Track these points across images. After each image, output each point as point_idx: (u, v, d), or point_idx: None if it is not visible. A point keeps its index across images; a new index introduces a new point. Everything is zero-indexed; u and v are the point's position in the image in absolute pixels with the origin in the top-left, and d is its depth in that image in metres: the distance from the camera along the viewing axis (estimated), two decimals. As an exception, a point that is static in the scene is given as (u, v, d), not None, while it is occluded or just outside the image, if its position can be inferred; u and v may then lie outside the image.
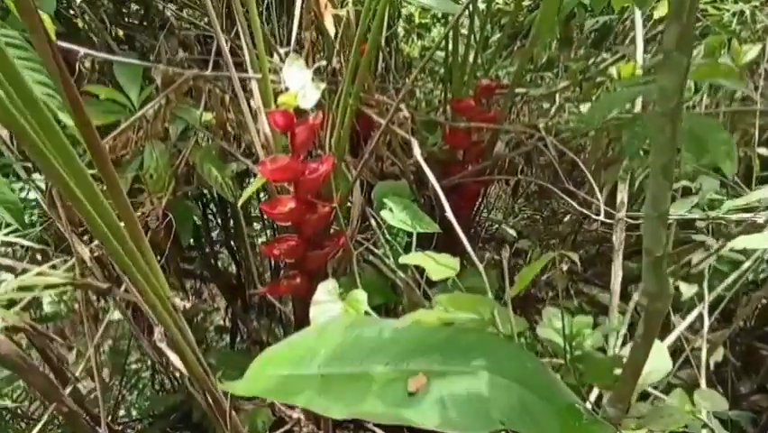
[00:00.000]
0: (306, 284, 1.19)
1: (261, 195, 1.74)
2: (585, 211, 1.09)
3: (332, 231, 1.26)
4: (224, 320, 2.52)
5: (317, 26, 1.11)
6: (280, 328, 2.05)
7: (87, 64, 1.29)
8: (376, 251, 1.33)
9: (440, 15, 2.34)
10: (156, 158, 1.24)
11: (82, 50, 0.97)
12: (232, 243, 2.11)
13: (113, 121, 1.15)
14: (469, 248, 0.91)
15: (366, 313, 0.95)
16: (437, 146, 1.52)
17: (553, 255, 0.67)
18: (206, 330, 2.60)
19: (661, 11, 1.74)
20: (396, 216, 1.10)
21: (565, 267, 2.26)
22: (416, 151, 1.03)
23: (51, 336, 1.16)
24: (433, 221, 1.14)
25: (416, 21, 2.32)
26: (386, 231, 1.34)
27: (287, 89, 0.96)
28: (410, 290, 1.28)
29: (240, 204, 1.05)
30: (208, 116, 1.29)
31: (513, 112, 1.66)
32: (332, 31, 1.07)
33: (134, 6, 1.42)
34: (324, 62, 0.96)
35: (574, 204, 1.16)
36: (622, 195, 0.92)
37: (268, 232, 2.22)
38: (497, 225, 2.42)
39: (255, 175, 1.26)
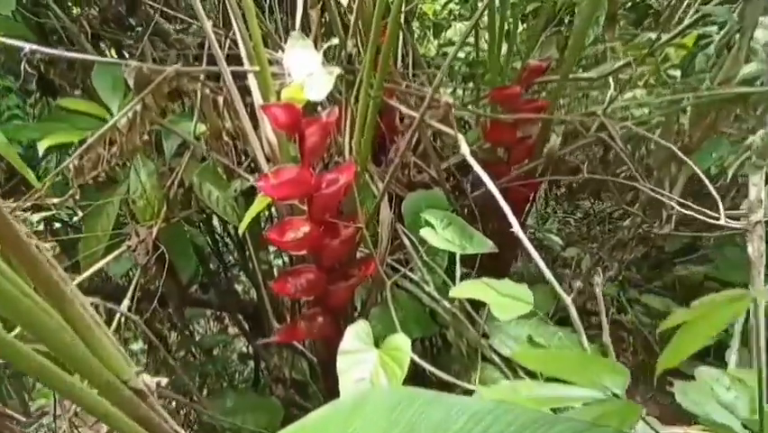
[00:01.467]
0: (330, 324, 0.96)
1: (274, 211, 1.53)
2: (706, 214, 0.81)
3: (357, 256, 1.04)
4: (248, 347, 2.33)
5: (325, 3, 0.89)
6: (304, 362, 1.83)
7: (61, 76, 1.10)
8: (412, 276, 1.10)
9: (457, 13, 2.11)
10: (143, 180, 1.04)
11: (43, 50, 0.77)
12: (249, 265, 1.90)
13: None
14: (549, 275, 0.66)
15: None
16: (475, 145, 1.28)
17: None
18: (229, 360, 2.42)
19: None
20: (439, 234, 0.87)
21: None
22: (464, 147, 0.80)
23: None
24: (485, 238, 0.90)
25: (431, 17, 2.10)
26: (422, 251, 1.11)
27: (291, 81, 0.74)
28: (458, 322, 1.04)
29: (242, 230, 0.83)
30: (204, 127, 1.08)
31: (563, 101, 1.41)
32: (344, 1, 0.85)
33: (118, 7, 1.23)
34: (335, 40, 0.74)
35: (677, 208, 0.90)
36: (757, 190, 0.67)
37: (284, 257, 2.01)
38: (535, 232, 2.16)
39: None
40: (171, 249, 1.10)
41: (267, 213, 1.58)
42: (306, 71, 0.70)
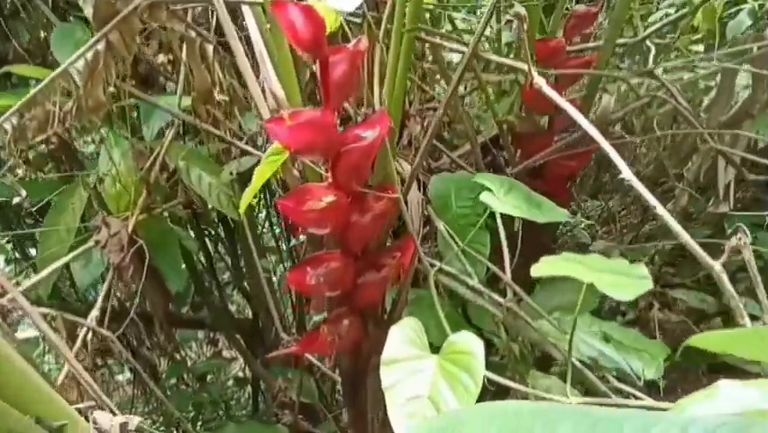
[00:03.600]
0: (358, 329, 0.75)
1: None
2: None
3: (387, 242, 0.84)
4: (245, 370, 2.10)
5: None
6: (316, 381, 1.60)
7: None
8: (449, 269, 0.90)
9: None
10: (115, 159, 0.83)
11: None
12: (243, 276, 1.68)
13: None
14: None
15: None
16: (512, 114, 1.10)
17: None
18: (224, 386, 2.19)
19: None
20: (502, 199, 0.67)
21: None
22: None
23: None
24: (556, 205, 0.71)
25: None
26: (457, 240, 0.92)
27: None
28: (513, 316, 0.84)
29: (242, 210, 0.63)
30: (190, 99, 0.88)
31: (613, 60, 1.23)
32: None
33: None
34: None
35: None
36: None
37: (286, 264, 1.79)
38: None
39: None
40: (154, 249, 0.89)
41: (266, 205, 1.36)
42: (329, -26, 0.51)
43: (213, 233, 1.54)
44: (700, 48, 1.37)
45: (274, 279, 1.63)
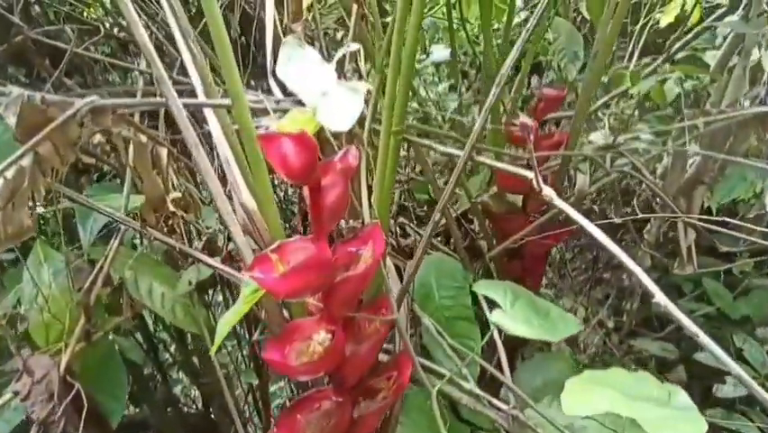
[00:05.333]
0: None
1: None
2: None
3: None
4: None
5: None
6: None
7: None
8: (442, 370, 0.81)
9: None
10: (45, 281, 0.69)
11: None
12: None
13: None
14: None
15: None
16: (484, 193, 1.07)
17: None
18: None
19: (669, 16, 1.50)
20: (510, 314, 0.60)
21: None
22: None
23: None
24: (565, 312, 0.65)
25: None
26: (444, 335, 0.84)
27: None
28: (519, 426, 0.76)
29: (214, 352, 0.52)
30: (139, 199, 0.77)
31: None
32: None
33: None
34: (354, 45, 0.49)
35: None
36: None
37: (243, 349, 1.61)
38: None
39: (230, 286, 0.75)
40: (94, 382, 0.74)
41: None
42: (318, 90, 0.44)
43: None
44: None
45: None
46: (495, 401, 0.76)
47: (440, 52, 1.59)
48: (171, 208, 0.65)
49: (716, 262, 1.33)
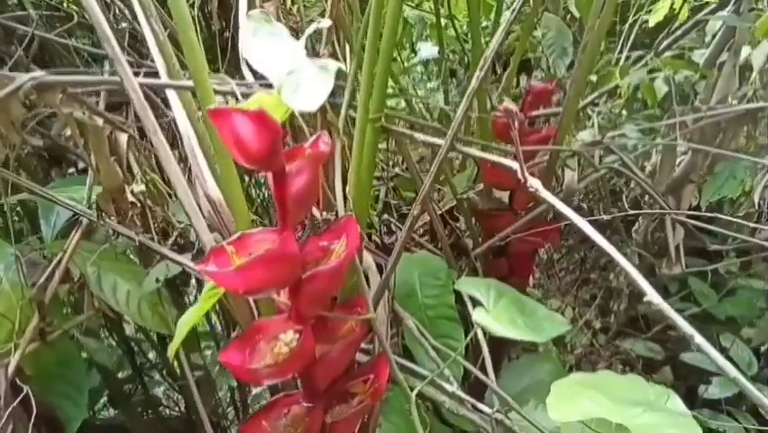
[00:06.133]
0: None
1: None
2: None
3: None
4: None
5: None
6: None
7: None
8: (416, 369, 0.78)
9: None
10: (-5, 279, 0.64)
11: None
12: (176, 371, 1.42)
13: None
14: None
15: None
16: (470, 190, 1.04)
17: None
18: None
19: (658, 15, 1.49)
20: (494, 314, 0.56)
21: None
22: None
23: None
24: (552, 312, 0.62)
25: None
26: (426, 335, 0.81)
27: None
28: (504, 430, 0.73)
29: (173, 353, 0.47)
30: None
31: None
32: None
33: None
34: (324, 22, 0.45)
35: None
36: None
37: (220, 344, 1.55)
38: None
39: (197, 282, 0.71)
40: (48, 384, 0.69)
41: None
42: (284, 68, 0.40)
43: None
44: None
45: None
46: (479, 404, 0.73)
47: (428, 50, 1.56)
48: (131, 199, 0.60)
49: (703, 262, 1.32)
